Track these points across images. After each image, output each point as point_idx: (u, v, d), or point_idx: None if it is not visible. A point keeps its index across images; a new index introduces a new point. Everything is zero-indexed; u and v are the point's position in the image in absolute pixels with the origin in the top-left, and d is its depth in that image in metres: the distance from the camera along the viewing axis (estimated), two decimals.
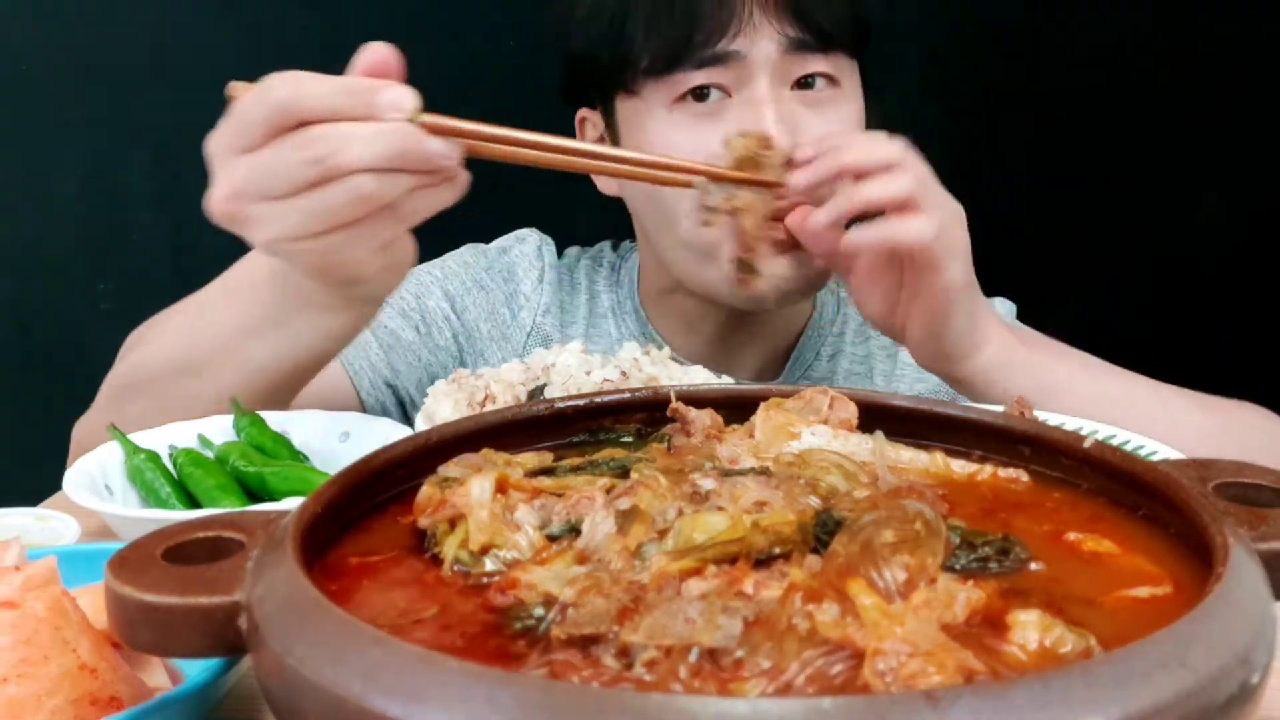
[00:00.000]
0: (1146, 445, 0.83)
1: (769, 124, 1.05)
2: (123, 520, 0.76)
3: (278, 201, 0.74)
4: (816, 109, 1.10)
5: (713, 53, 1.07)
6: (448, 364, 1.24)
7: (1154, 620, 0.44)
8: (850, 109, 1.14)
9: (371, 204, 0.74)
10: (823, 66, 1.10)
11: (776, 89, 1.08)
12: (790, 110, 1.08)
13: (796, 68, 1.09)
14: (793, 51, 1.08)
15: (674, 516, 0.50)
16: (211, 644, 0.47)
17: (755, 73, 1.08)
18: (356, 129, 0.72)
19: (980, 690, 0.36)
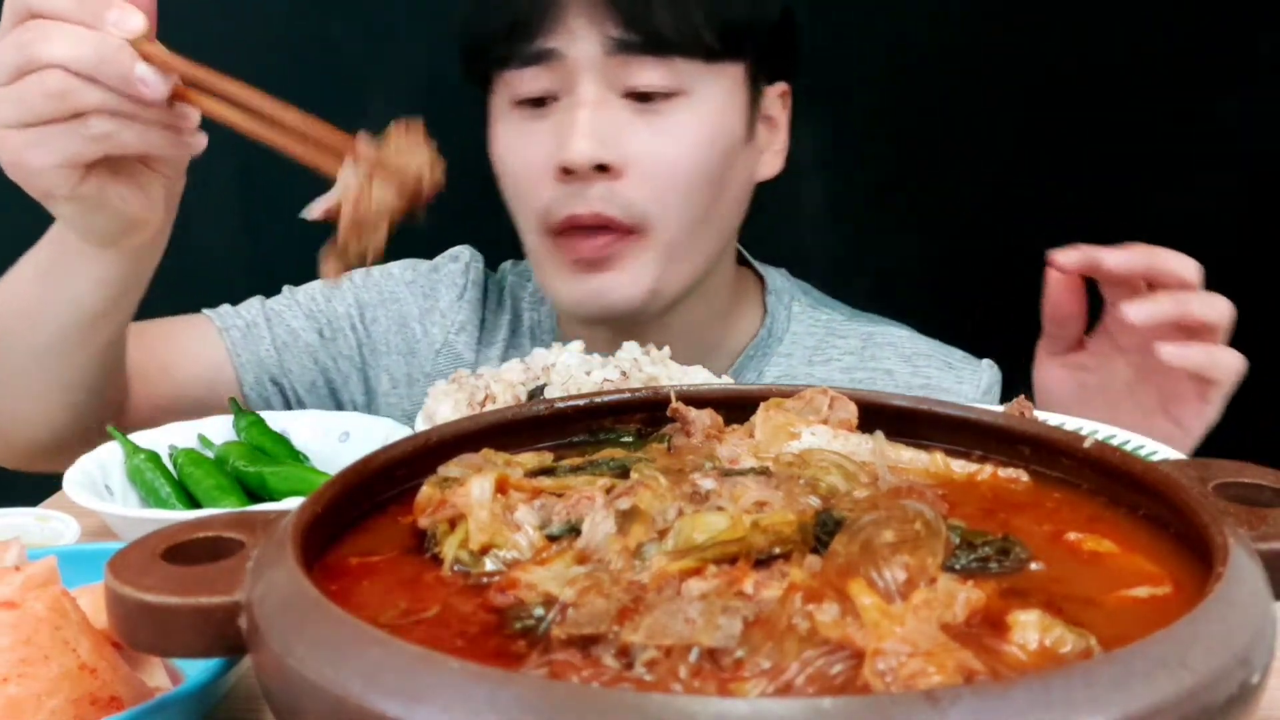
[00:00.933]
0: (1146, 445, 0.83)
1: (577, 132, 1.01)
2: (123, 520, 0.76)
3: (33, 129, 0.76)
4: (650, 119, 1.04)
5: (532, 50, 1.04)
6: (349, 373, 1.23)
7: (1154, 620, 0.44)
8: (693, 122, 1.05)
9: (60, 104, 0.74)
10: (658, 73, 1.03)
11: (603, 94, 1.03)
12: (613, 119, 1.03)
13: (627, 73, 1.03)
14: (618, 54, 1.02)
15: (674, 516, 0.50)
16: (211, 644, 0.47)
17: (579, 75, 1.03)
18: (65, 28, 0.74)
19: (980, 690, 0.36)
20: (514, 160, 1.08)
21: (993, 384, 1.21)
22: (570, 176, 1.03)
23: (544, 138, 1.05)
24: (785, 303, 1.24)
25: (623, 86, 1.03)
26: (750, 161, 1.14)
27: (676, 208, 1.06)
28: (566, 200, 1.04)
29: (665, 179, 1.05)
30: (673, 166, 1.05)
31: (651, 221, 1.05)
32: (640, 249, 1.06)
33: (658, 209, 1.05)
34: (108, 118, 0.76)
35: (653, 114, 1.04)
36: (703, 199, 1.08)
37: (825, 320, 1.24)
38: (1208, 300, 0.91)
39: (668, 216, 1.06)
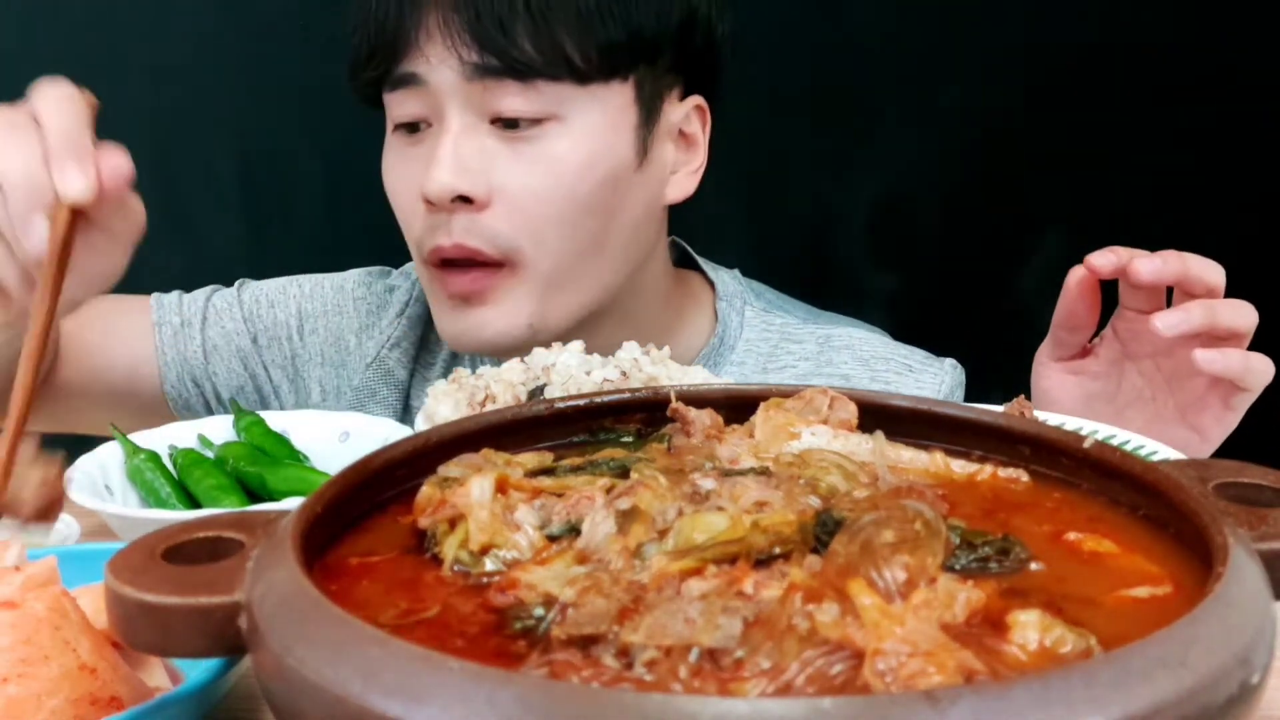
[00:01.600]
0: (1146, 445, 0.83)
1: (436, 162, 0.98)
2: (123, 520, 0.76)
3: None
4: (516, 148, 1.00)
5: (396, 74, 1.01)
6: (280, 381, 1.21)
7: (1154, 620, 0.44)
8: (565, 149, 1.00)
9: None
10: (523, 98, 0.98)
11: (469, 120, 0.99)
12: (480, 147, 0.99)
13: (491, 99, 0.98)
14: (477, 79, 0.97)
15: (674, 516, 0.50)
16: (211, 644, 0.47)
17: (443, 101, 0.99)
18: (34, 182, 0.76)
19: (980, 690, 0.36)
20: (392, 186, 1.06)
21: (955, 386, 1.18)
22: (433, 208, 1.00)
23: (415, 165, 1.02)
24: (738, 308, 1.19)
25: (489, 112, 0.99)
26: (649, 184, 1.07)
27: (552, 240, 1.01)
28: (432, 231, 1.01)
29: (535, 210, 1.00)
30: (543, 197, 1.00)
31: (523, 254, 1.01)
32: (513, 283, 1.02)
33: (529, 241, 1.01)
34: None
35: (520, 141, 1.00)
36: (585, 229, 1.03)
37: (779, 325, 1.19)
38: (1236, 308, 0.90)
39: (542, 249, 1.01)
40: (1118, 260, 0.91)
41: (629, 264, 1.09)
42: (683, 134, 1.09)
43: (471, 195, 0.99)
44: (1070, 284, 0.97)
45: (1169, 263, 0.90)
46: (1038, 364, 1.03)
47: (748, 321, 1.18)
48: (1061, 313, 0.98)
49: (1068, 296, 0.97)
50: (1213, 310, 0.89)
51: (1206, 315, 0.89)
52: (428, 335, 1.21)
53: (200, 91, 1.92)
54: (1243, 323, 0.90)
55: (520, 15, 0.97)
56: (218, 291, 1.23)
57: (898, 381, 1.16)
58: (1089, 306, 0.97)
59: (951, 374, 1.18)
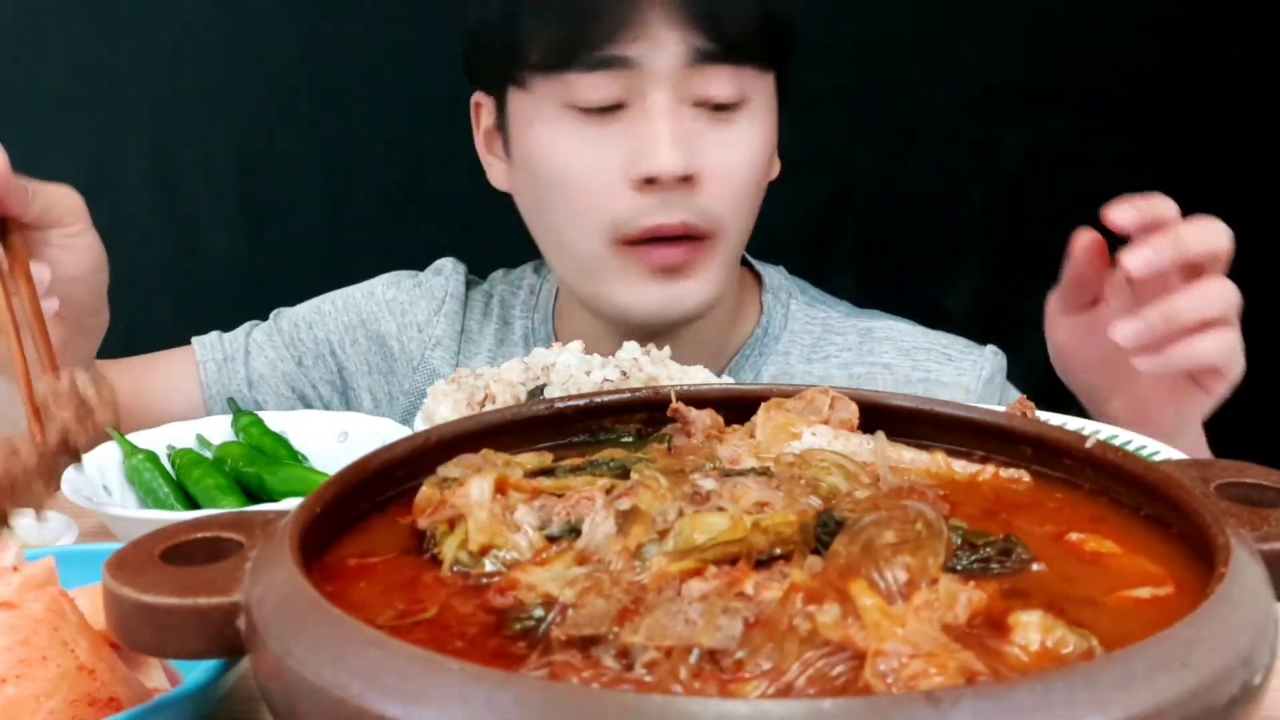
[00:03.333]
0: (1149, 445, 0.83)
1: (663, 143, 1.00)
2: (121, 520, 0.75)
3: None
4: (720, 129, 1.04)
5: (606, 56, 1.01)
6: (330, 397, 1.22)
7: (1156, 621, 0.44)
8: (759, 130, 1.07)
9: None
10: (729, 81, 1.03)
11: (675, 104, 1.01)
12: (689, 129, 1.02)
13: (700, 82, 1.02)
14: (697, 64, 1.01)
15: (674, 517, 0.50)
16: (210, 645, 0.47)
17: (653, 84, 1.01)
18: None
19: (982, 691, 0.36)
20: (576, 168, 1.05)
21: (995, 372, 1.18)
22: (652, 186, 1.02)
23: (612, 147, 1.03)
24: (783, 300, 1.23)
25: (693, 96, 1.02)
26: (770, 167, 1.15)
27: (740, 214, 1.08)
28: (649, 210, 1.03)
29: (736, 187, 1.06)
30: (742, 175, 1.06)
31: (724, 228, 1.07)
32: (712, 254, 1.07)
33: (730, 216, 1.07)
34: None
35: (721, 123, 1.04)
36: (755, 204, 1.10)
37: (822, 318, 1.23)
38: (1203, 229, 0.85)
39: (734, 223, 1.08)
40: (1139, 215, 0.86)
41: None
42: None
43: (692, 174, 1.02)
44: (1075, 250, 0.94)
45: (1161, 250, 0.85)
46: (1049, 316, 1.01)
47: (792, 314, 1.22)
48: (1069, 275, 0.97)
49: (1075, 261, 0.95)
50: (1179, 240, 0.85)
51: (1173, 246, 0.84)
52: (468, 329, 1.24)
53: (200, 91, 1.92)
54: (1216, 243, 0.86)
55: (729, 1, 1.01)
56: (256, 326, 1.24)
57: (938, 370, 1.17)
58: (1098, 267, 0.95)
59: (992, 360, 1.19)
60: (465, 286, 1.26)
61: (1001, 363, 1.19)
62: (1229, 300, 0.86)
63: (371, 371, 1.22)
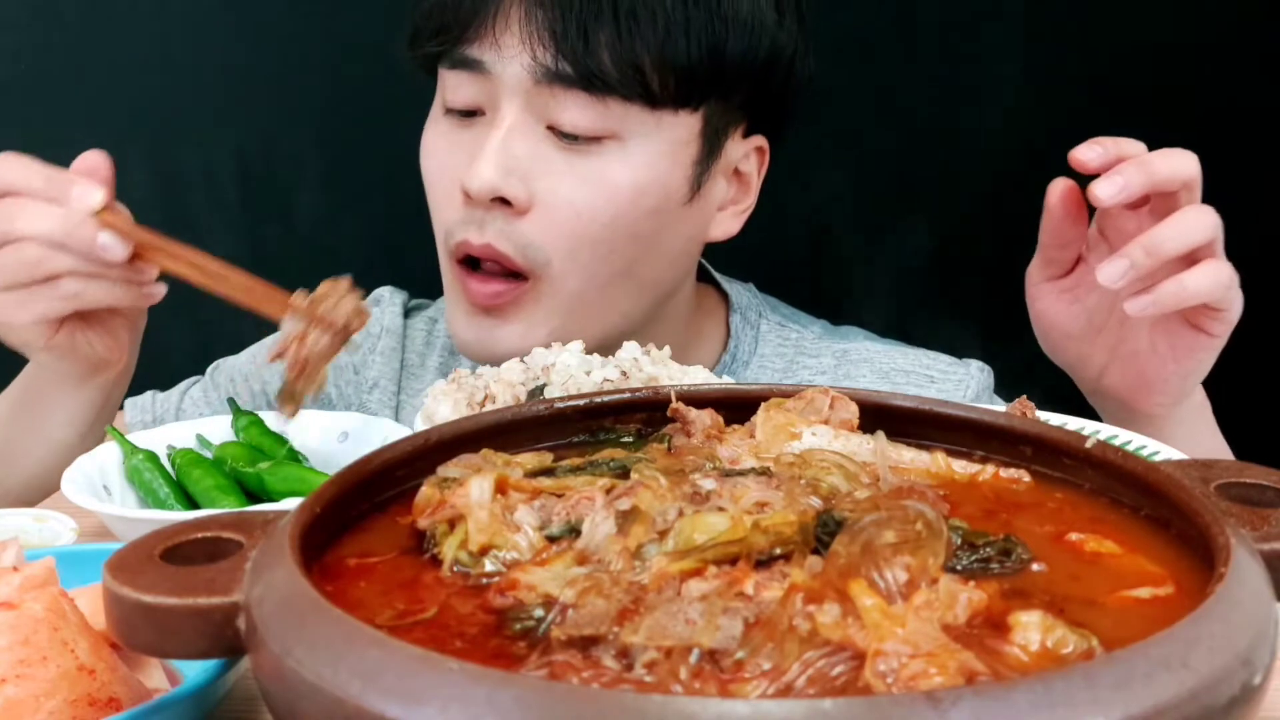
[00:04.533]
0: (1149, 446, 0.83)
1: (485, 157, 0.94)
2: (121, 521, 0.75)
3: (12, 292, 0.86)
4: (574, 160, 0.95)
5: (460, 55, 0.96)
6: None
7: (1156, 621, 0.44)
8: (620, 171, 0.95)
9: (35, 270, 0.85)
10: (590, 112, 0.93)
11: (525, 120, 0.95)
12: (533, 151, 0.95)
13: (555, 105, 0.94)
14: (546, 83, 0.93)
15: (674, 517, 0.50)
16: (210, 645, 0.47)
17: (505, 95, 0.95)
18: (35, 205, 0.85)
19: (982, 691, 0.36)
20: (431, 169, 1.02)
21: (981, 390, 1.13)
22: (470, 201, 0.96)
23: (460, 154, 0.98)
24: (752, 321, 1.15)
25: (548, 118, 0.95)
26: (694, 221, 1.03)
27: (585, 260, 0.98)
28: (464, 225, 0.97)
29: (575, 227, 0.96)
30: (586, 215, 0.96)
31: (551, 270, 0.97)
32: (536, 297, 0.98)
33: (561, 257, 0.97)
34: (76, 279, 0.86)
35: (574, 154, 0.95)
36: (620, 256, 0.99)
37: (795, 338, 1.15)
38: (1170, 156, 0.82)
39: (572, 267, 0.98)
40: (1105, 153, 0.84)
41: (659, 294, 1.06)
42: (737, 172, 1.05)
43: (512, 199, 0.95)
44: (1052, 199, 0.90)
45: (1130, 176, 0.81)
46: (1030, 285, 0.97)
47: (763, 335, 1.14)
48: (1047, 229, 0.92)
49: (1052, 212, 0.91)
50: (1148, 167, 0.82)
51: (1143, 176, 0.81)
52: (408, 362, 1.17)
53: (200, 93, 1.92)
54: (1186, 169, 0.83)
55: (606, 24, 0.92)
56: (195, 384, 1.20)
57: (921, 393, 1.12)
58: (1075, 219, 0.91)
59: (979, 377, 1.13)
60: (404, 316, 1.20)
61: (988, 379, 1.14)
62: (1211, 226, 0.83)
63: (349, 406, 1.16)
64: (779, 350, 1.14)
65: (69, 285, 0.86)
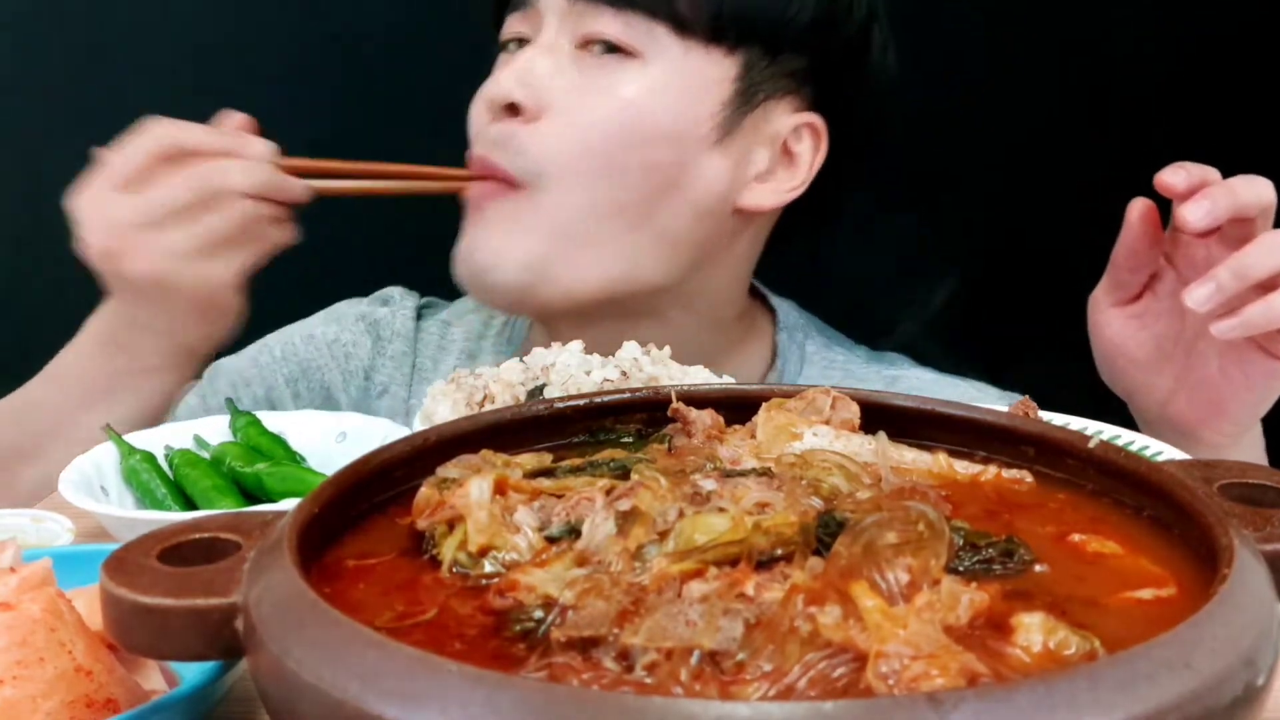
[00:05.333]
0: (1151, 446, 0.83)
1: (508, 69, 0.98)
2: (118, 521, 0.75)
3: (162, 228, 0.88)
4: (588, 72, 0.97)
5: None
6: None
7: (1158, 622, 0.43)
8: (634, 85, 0.96)
9: (246, 226, 0.90)
10: (612, 26, 0.96)
11: (558, 40, 0.98)
12: (553, 62, 0.97)
13: (582, 22, 0.97)
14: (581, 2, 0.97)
15: (675, 517, 0.50)
16: (208, 646, 0.46)
17: (544, 20, 1.00)
18: (236, 163, 0.89)
19: (984, 693, 0.36)
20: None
21: None
22: (490, 116, 0.99)
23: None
24: (799, 341, 1.13)
25: (579, 35, 0.98)
26: (722, 173, 1.01)
27: (585, 176, 0.96)
28: (477, 138, 1.01)
29: (579, 138, 0.96)
30: (587, 124, 0.96)
31: (544, 182, 0.96)
32: (525, 208, 0.97)
33: (559, 171, 0.96)
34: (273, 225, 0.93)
35: (595, 68, 0.97)
36: (624, 184, 0.97)
37: (841, 361, 1.14)
38: (1251, 183, 0.84)
39: (571, 182, 0.96)
40: (1190, 177, 0.85)
41: (675, 257, 1.02)
42: (786, 149, 1.04)
43: (521, 104, 0.97)
44: (1132, 218, 0.90)
45: (1217, 200, 0.83)
46: (1096, 311, 0.96)
47: (809, 357, 1.13)
48: (1122, 250, 0.92)
49: (1130, 231, 0.91)
50: (1233, 192, 0.83)
51: (1229, 200, 0.82)
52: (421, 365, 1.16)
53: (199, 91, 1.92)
54: (1266, 194, 0.84)
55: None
56: (190, 389, 1.15)
57: None
58: (1153, 241, 0.91)
59: None
60: (416, 318, 1.18)
61: None
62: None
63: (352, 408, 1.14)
64: (825, 373, 1.12)
65: (271, 231, 0.93)
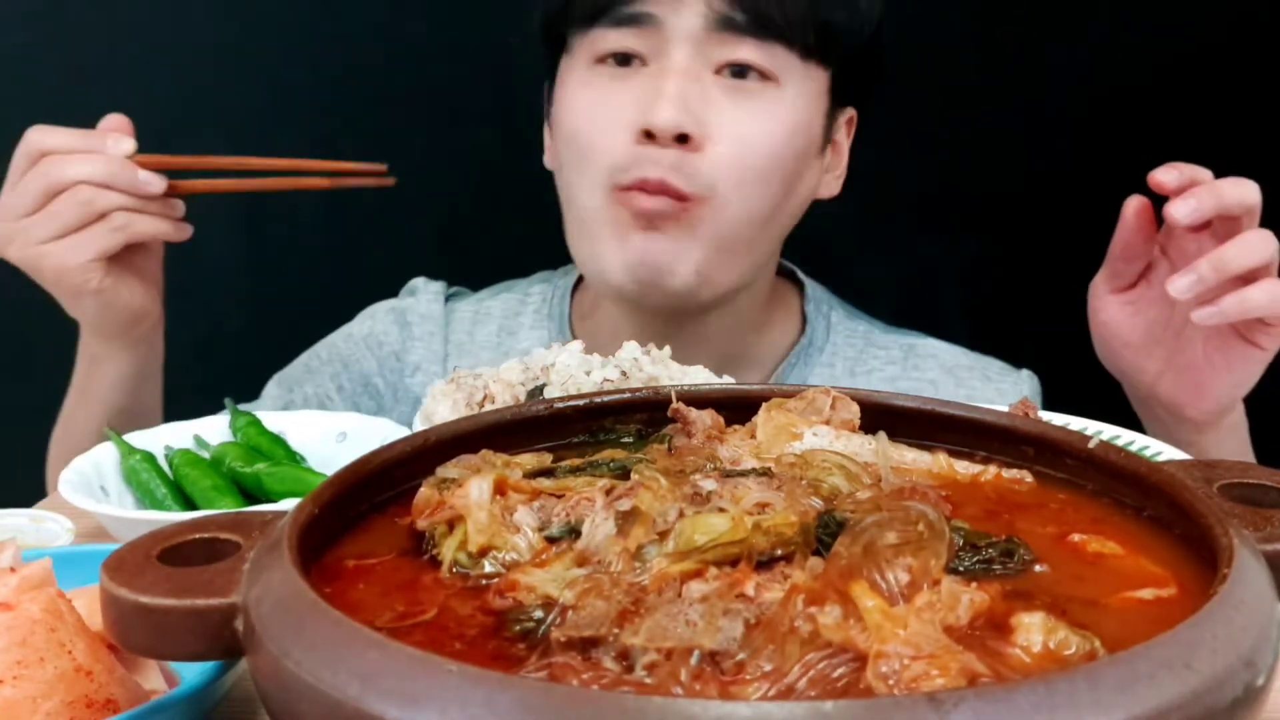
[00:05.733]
0: (1151, 446, 0.83)
1: (667, 98, 1.00)
2: (118, 521, 0.75)
3: (27, 218, 0.97)
4: (740, 99, 1.03)
5: (629, 12, 1.03)
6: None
7: (1159, 622, 0.43)
8: (786, 114, 1.05)
9: (89, 209, 0.97)
10: (755, 55, 1.02)
11: (694, 65, 1.02)
12: (703, 92, 1.02)
13: (723, 49, 1.02)
14: (719, 29, 1.01)
15: (675, 518, 0.50)
16: (208, 646, 0.46)
17: (673, 43, 1.02)
18: (78, 156, 0.98)
19: (984, 693, 0.36)
20: (587, 117, 1.07)
21: (1032, 395, 1.19)
22: (650, 140, 1.02)
23: (625, 98, 1.04)
24: (824, 312, 1.23)
25: (716, 61, 1.03)
26: (816, 174, 1.13)
27: (743, 193, 1.05)
28: (640, 162, 1.03)
29: (741, 158, 1.04)
30: (751, 147, 1.04)
31: (715, 197, 1.04)
32: (699, 218, 1.04)
33: (727, 185, 1.04)
34: (125, 213, 0.99)
35: (741, 93, 1.03)
36: (770, 195, 1.06)
37: (863, 330, 1.23)
38: (1238, 184, 0.90)
39: (735, 196, 1.04)
40: (1181, 176, 0.91)
41: (777, 244, 1.14)
42: (833, 139, 1.15)
43: (692, 134, 1.02)
44: (1127, 214, 0.98)
45: (1203, 199, 0.90)
46: (1094, 297, 1.04)
47: (834, 326, 1.22)
48: (1118, 243, 1.00)
49: (1125, 226, 0.98)
50: (1218, 192, 0.89)
51: (1214, 199, 0.89)
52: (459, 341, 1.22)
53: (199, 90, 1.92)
54: (1250, 195, 0.90)
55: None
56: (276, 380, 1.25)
57: (981, 389, 1.19)
58: (1147, 235, 0.98)
59: (1029, 382, 1.21)
60: (444, 302, 1.25)
61: (1037, 386, 1.21)
62: (1271, 248, 0.90)
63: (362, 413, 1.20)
64: (849, 340, 1.22)
65: (119, 218, 0.98)
